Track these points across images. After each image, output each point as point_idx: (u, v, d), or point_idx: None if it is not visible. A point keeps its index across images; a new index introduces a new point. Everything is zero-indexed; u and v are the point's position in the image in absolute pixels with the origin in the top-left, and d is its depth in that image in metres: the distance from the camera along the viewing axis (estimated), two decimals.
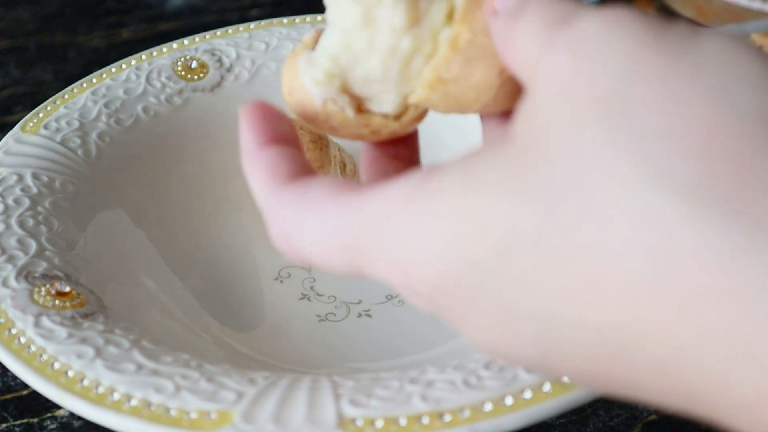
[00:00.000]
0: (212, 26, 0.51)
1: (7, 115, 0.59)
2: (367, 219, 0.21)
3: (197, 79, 0.48)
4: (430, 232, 0.20)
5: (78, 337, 0.32)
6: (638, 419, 0.38)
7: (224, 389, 0.30)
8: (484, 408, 0.28)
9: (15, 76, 0.63)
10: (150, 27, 0.69)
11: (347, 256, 0.22)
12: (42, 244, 0.36)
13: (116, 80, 0.46)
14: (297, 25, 0.50)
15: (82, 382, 0.30)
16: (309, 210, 0.22)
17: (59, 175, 0.41)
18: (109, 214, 0.41)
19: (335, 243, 0.22)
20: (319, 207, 0.22)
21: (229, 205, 0.46)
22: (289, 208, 0.23)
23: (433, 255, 0.20)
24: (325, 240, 0.22)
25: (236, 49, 0.49)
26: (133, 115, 0.45)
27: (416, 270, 0.21)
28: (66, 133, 0.43)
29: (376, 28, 0.24)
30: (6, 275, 0.34)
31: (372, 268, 0.22)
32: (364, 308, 0.41)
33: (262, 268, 0.43)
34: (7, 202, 0.38)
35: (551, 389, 0.28)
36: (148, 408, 0.29)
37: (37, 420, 0.39)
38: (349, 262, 0.22)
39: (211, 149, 0.47)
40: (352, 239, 0.22)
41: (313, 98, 0.25)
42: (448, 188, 0.20)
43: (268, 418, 0.28)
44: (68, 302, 0.33)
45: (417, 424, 0.28)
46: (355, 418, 0.28)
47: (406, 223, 0.21)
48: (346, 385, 0.30)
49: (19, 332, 0.32)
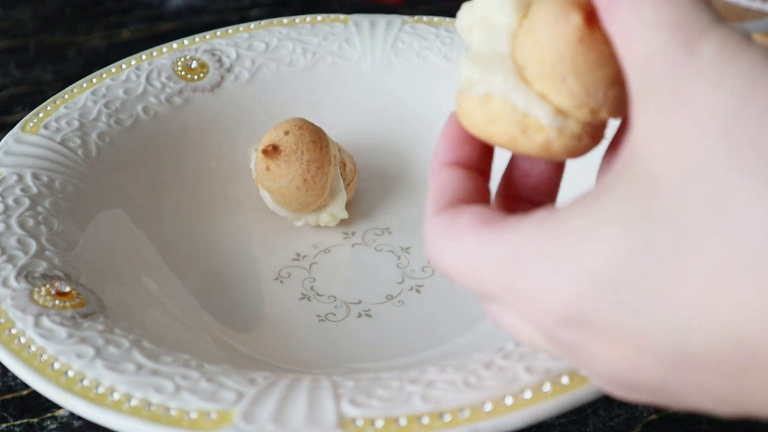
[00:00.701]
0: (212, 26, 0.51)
1: (7, 115, 0.59)
2: (497, 254, 0.23)
3: (197, 79, 0.48)
4: (559, 265, 0.22)
5: (78, 337, 0.32)
6: (638, 419, 0.38)
7: (224, 389, 0.30)
8: (484, 408, 0.28)
9: (15, 76, 0.63)
10: (150, 27, 0.69)
11: (481, 284, 0.24)
12: (42, 244, 0.36)
13: (116, 80, 0.46)
14: (297, 25, 0.50)
15: (82, 382, 0.30)
16: (452, 240, 0.25)
17: (59, 175, 0.41)
18: (109, 214, 0.41)
19: (470, 270, 0.24)
20: (461, 237, 0.24)
21: (229, 205, 0.46)
22: (438, 233, 0.25)
23: (561, 286, 0.22)
24: (462, 266, 0.24)
25: (236, 49, 0.49)
26: (133, 115, 0.45)
27: (542, 304, 0.22)
28: (66, 133, 0.43)
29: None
30: (6, 275, 0.34)
31: (503, 299, 0.24)
32: (364, 308, 0.41)
33: (262, 268, 0.43)
34: (7, 202, 0.38)
35: (551, 389, 0.28)
36: (148, 408, 0.29)
37: (37, 420, 0.39)
38: (483, 289, 0.24)
39: (211, 149, 0.47)
40: (484, 269, 0.24)
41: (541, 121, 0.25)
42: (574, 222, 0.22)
43: (268, 418, 0.28)
44: (68, 302, 0.33)
45: (417, 424, 0.28)
46: (355, 418, 0.28)
47: (533, 261, 0.23)
48: (346, 385, 0.30)
49: (19, 332, 0.32)
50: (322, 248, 0.44)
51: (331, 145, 0.44)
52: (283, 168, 0.42)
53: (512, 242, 0.23)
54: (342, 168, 0.45)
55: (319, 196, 0.43)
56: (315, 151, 0.43)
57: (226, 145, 0.48)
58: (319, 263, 0.43)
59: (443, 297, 0.41)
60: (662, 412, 0.38)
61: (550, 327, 0.23)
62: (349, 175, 0.45)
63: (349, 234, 0.45)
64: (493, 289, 0.24)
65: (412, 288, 0.41)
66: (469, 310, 0.40)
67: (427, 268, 0.43)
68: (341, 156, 0.45)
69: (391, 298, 0.41)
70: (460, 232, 0.25)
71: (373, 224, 0.45)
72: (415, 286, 0.42)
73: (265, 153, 0.43)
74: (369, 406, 0.28)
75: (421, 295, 0.41)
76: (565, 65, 0.24)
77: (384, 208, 0.46)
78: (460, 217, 0.25)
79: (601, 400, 0.38)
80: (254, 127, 0.47)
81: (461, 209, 0.25)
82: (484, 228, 0.24)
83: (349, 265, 0.43)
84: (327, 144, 0.44)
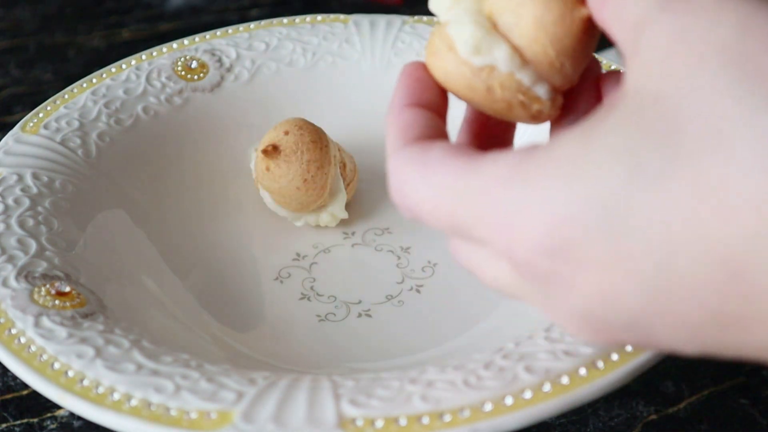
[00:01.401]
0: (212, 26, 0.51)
1: (7, 115, 0.59)
2: (474, 183, 0.23)
3: (197, 79, 0.48)
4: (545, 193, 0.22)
5: (78, 337, 0.32)
6: (638, 419, 0.38)
7: (224, 389, 0.30)
8: (484, 408, 0.28)
9: (15, 76, 0.63)
10: (150, 27, 0.69)
11: (451, 216, 0.24)
12: (42, 244, 0.36)
13: (116, 80, 0.46)
14: (297, 25, 0.51)
15: (82, 382, 0.30)
16: (424, 169, 0.24)
17: (59, 175, 0.41)
18: (109, 214, 0.41)
19: (442, 202, 0.24)
20: (433, 168, 0.24)
21: (230, 205, 0.46)
22: (407, 165, 0.25)
23: (545, 213, 0.22)
24: (433, 198, 0.24)
25: (236, 49, 0.49)
26: (133, 115, 0.45)
27: (521, 233, 0.22)
28: (66, 133, 0.43)
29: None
30: (6, 275, 0.34)
31: (474, 231, 0.23)
32: (364, 308, 0.41)
33: (262, 268, 0.43)
34: (7, 202, 0.38)
35: (551, 389, 0.28)
36: (148, 408, 0.29)
37: (37, 420, 0.39)
38: (452, 221, 0.24)
39: (211, 149, 0.47)
40: (458, 200, 0.23)
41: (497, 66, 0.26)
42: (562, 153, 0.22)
43: (268, 418, 0.28)
44: (68, 302, 0.33)
45: (417, 424, 0.28)
46: (355, 418, 0.28)
47: (514, 190, 0.22)
48: (346, 385, 0.30)
49: (19, 332, 0.32)
50: (322, 248, 0.44)
51: (331, 145, 0.44)
52: (283, 168, 0.42)
53: (493, 172, 0.23)
54: (342, 168, 0.45)
55: (319, 196, 0.43)
56: (315, 151, 0.43)
57: (226, 145, 0.48)
58: (319, 263, 0.43)
59: (443, 297, 0.41)
60: (662, 412, 0.38)
61: (526, 256, 0.22)
62: (349, 175, 0.45)
63: (349, 234, 0.45)
64: (465, 221, 0.23)
65: (412, 288, 0.41)
66: (469, 310, 0.40)
67: (427, 268, 0.43)
68: (341, 156, 0.45)
69: (391, 298, 0.41)
70: (431, 163, 0.24)
71: (373, 224, 0.45)
72: (415, 286, 0.42)
73: (265, 153, 0.43)
74: (369, 406, 0.28)
75: (421, 295, 0.41)
76: (567, 55, 0.26)
77: (384, 208, 0.46)
78: (430, 150, 0.25)
79: (600, 400, 0.38)
80: (254, 127, 0.47)
81: (432, 143, 0.25)
82: (459, 160, 0.24)
83: (349, 265, 0.43)
84: (327, 144, 0.44)
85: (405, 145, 0.26)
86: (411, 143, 0.26)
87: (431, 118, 0.27)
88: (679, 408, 0.38)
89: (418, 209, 0.25)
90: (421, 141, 0.26)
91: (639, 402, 0.38)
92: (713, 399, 0.39)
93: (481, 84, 0.27)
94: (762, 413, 0.38)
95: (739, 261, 0.19)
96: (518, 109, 0.27)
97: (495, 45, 0.26)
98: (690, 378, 0.39)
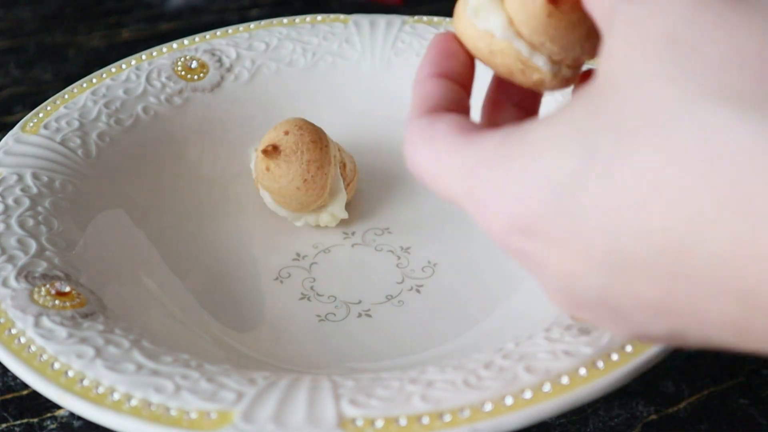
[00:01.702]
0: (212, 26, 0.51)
1: (7, 115, 0.59)
2: (466, 161, 0.25)
3: (197, 79, 0.48)
4: (512, 173, 0.23)
5: (78, 337, 0.32)
6: (638, 419, 0.38)
7: (224, 389, 0.30)
8: (484, 408, 0.28)
9: (15, 76, 0.63)
10: (150, 27, 0.69)
11: (450, 189, 0.26)
12: (42, 244, 0.36)
13: (116, 80, 0.46)
14: (297, 25, 0.51)
15: (82, 382, 0.30)
16: (430, 141, 0.26)
17: (59, 175, 0.41)
18: (109, 214, 0.41)
19: (442, 174, 0.26)
20: (437, 141, 0.26)
21: (230, 205, 0.46)
22: (416, 135, 0.27)
23: (513, 194, 0.23)
24: (434, 169, 0.26)
25: (236, 49, 0.49)
26: (133, 115, 0.45)
27: (494, 210, 0.24)
28: (66, 133, 0.43)
29: None
30: (6, 275, 0.34)
31: (464, 205, 0.25)
32: (364, 308, 0.41)
33: (262, 268, 0.43)
34: (7, 202, 0.38)
35: (551, 389, 0.28)
36: (148, 408, 0.29)
37: (37, 420, 0.39)
38: (450, 194, 0.26)
39: (211, 149, 0.47)
40: (454, 175, 0.25)
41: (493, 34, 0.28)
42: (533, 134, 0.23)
43: (268, 418, 0.28)
44: (68, 302, 0.33)
45: (417, 424, 0.28)
46: (355, 418, 0.28)
47: (492, 170, 0.24)
48: (346, 385, 0.30)
49: (19, 332, 0.32)
50: (322, 248, 0.44)
51: (331, 145, 0.44)
52: (283, 168, 0.42)
53: (477, 150, 0.25)
54: (342, 168, 0.45)
55: (319, 196, 0.43)
56: (315, 151, 0.43)
57: (226, 145, 0.48)
58: (319, 263, 0.43)
59: (443, 297, 0.41)
60: (662, 412, 0.38)
61: (501, 233, 0.24)
62: (349, 175, 0.45)
63: (349, 234, 0.45)
64: (459, 195, 0.25)
65: (412, 288, 0.41)
66: (469, 310, 0.40)
67: (427, 268, 0.43)
68: (341, 156, 0.45)
69: (391, 298, 0.41)
70: (436, 136, 0.26)
71: (373, 224, 0.45)
72: (415, 286, 0.42)
73: (265, 153, 0.43)
74: (369, 406, 0.28)
75: (421, 295, 0.41)
76: (540, 35, 0.28)
77: (384, 208, 0.46)
78: (439, 122, 0.27)
79: (600, 400, 0.38)
80: (254, 127, 0.48)
81: (442, 115, 0.27)
82: (459, 135, 0.26)
83: (349, 265, 0.43)
84: (327, 144, 0.44)
85: (420, 115, 0.27)
86: (425, 114, 0.27)
87: (451, 89, 0.28)
88: (679, 408, 0.38)
89: (425, 177, 0.26)
90: (434, 113, 0.27)
91: (639, 402, 0.38)
92: (713, 399, 0.39)
93: (485, 47, 0.28)
94: (762, 413, 0.38)
95: (680, 244, 0.20)
96: (519, 75, 0.28)
97: (493, 13, 0.28)
98: (690, 378, 0.39)
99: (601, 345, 0.29)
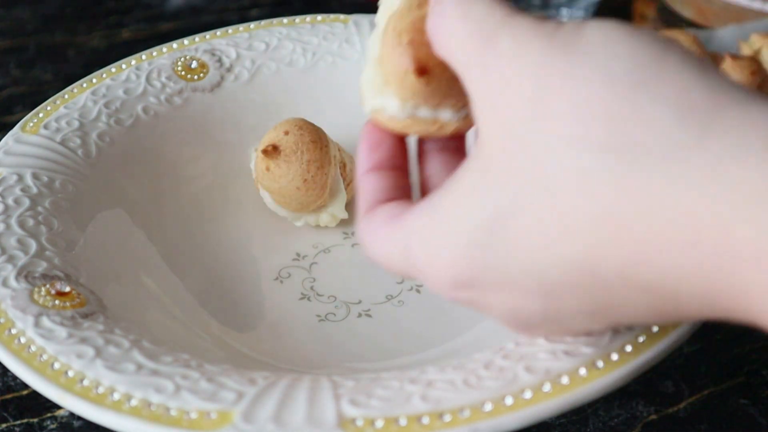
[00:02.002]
0: (212, 26, 0.51)
1: (7, 115, 0.59)
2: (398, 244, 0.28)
3: (197, 79, 0.48)
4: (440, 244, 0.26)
5: (78, 337, 0.32)
6: (638, 419, 0.38)
7: (224, 389, 0.30)
8: (484, 408, 0.28)
9: (15, 76, 0.63)
10: (150, 27, 0.69)
11: (399, 269, 0.29)
12: (42, 244, 0.36)
13: (116, 80, 0.46)
14: (297, 25, 0.51)
15: (82, 382, 0.30)
16: (373, 235, 0.30)
17: (59, 175, 0.41)
18: (109, 214, 0.41)
19: (389, 259, 0.29)
20: (376, 234, 0.29)
21: (229, 205, 0.46)
22: (363, 231, 0.30)
23: (442, 257, 0.26)
24: (383, 258, 0.29)
25: (236, 49, 0.49)
26: (133, 115, 0.45)
27: (434, 275, 0.27)
28: (66, 133, 0.43)
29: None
30: (6, 275, 0.34)
31: (414, 277, 0.29)
32: (364, 308, 0.41)
33: (262, 268, 0.43)
34: (7, 202, 0.38)
35: (551, 389, 0.28)
36: (148, 408, 0.29)
37: (37, 420, 0.39)
38: (399, 271, 0.29)
39: (211, 149, 0.47)
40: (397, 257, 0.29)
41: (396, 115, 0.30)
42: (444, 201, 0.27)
43: (268, 418, 0.28)
44: (68, 302, 0.33)
45: (417, 424, 0.28)
46: (355, 418, 0.28)
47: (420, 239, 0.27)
48: (346, 385, 0.30)
49: (19, 332, 0.32)
50: (322, 248, 0.44)
51: (331, 145, 0.44)
52: (283, 168, 0.42)
53: (405, 231, 0.28)
54: (342, 168, 0.45)
55: (319, 196, 0.43)
56: (315, 151, 0.43)
57: (226, 145, 0.48)
58: (319, 263, 0.43)
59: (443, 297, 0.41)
60: (662, 412, 0.38)
61: (447, 291, 0.27)
62: (349, 175, 0.45)
63: (349, 234, 0.45)
64: (405, 270, 0.29)
65: (412, 288, 0.41)
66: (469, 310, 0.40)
67: None
68: (341, 156, 0.45)
69: (391, 298, 0.41)
70: (376, 229, 0.29)
71: None
72: (415, 286, 0.42)
73: (265, 153, 0.43)
74: (369, 406, 0.28)
75: (421, 295, 0.41)
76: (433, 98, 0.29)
77: None
78: (375, 217, 0.30)
79: (600, 400, 0.38)
80: (254, 127, 0.47)
81: (377, 210, 0.30)
82: (391, 222, 0.29)
83: (349, 265, 0.43)
84: (327, 144, 0.44)
85: (363, 214, 0.30)
86: (366, 212, 0.30)
87: (384, 177, 0.31)
88: (679, 408, 0.38)
89: (380, 263, 0.30)
90: (372, 209, 0.30)
91: (639, 402, 0.38)
92: (713, 399, 0.39)
93: (397, 127, 0.30)
94: (762, 413, 0.38)
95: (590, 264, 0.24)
96: (438, 132, 0.30)
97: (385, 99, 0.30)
98: (690, 378, 0.39)
99: (601, 345, 0.29)
